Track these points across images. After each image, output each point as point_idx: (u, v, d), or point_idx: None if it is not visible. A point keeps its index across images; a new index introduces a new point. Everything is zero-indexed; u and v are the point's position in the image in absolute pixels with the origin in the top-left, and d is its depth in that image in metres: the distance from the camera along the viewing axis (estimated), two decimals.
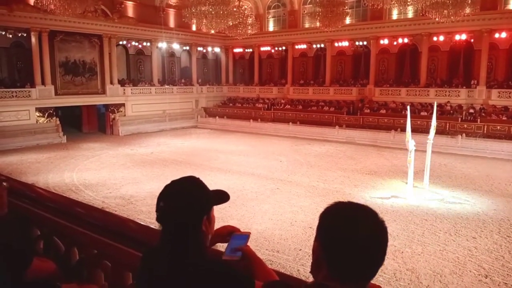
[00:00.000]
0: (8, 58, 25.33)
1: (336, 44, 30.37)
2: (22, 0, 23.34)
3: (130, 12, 29.74)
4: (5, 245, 1.87)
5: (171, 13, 32.67)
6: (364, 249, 1.15)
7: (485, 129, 21.56)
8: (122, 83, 29.29)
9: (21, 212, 2.66)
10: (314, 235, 1.26)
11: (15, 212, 2.54)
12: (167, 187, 1.55)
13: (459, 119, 22.91)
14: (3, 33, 23.61)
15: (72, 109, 27.47)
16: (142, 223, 2.48)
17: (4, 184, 1.98)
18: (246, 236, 1.63)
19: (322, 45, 31.17)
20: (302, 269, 7.68)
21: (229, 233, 1.70)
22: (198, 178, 1.59)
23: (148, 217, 10.49)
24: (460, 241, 9.16)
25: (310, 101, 30.57)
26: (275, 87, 33.72)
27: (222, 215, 10.05)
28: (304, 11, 32.40)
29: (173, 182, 1.57)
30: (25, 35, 24.16)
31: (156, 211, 1.52)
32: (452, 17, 18.55)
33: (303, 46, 32.54)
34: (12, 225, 2.38)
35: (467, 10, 18.83)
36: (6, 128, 22.31)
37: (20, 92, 23.65)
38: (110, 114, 28.11)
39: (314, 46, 32.05)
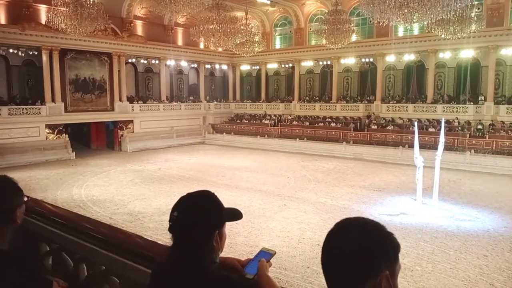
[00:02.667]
0: (20, 76, 25.80)
1: (342, 61, 30.59)
2: (33, 19, 23.93)
3: (139, 30, 30.29)
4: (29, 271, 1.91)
5: (179, 31, 33.20)
6: (342, 257, 1.16)
7: (494, 145, 21.39)
8: (130, 100, 29.62)
9: (30, 228, 2.68)
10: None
11: (25, 228, 2.55)
12: (182, 199, 1.57)
13: (468, 135, 22.75)
14: (15, 51, 24.13)
15: (80, 126, 27.76)
16: (149, 239, 2.48)
17: (25, 198, 2.05)
18: (270, 254, 1.62)
19: (329, 62, 31.38)
20: (310, 287, 7.58)
21: (233, 267, 1.68)
22: (213, 193, 1.62)
23: (155, 233, 10.47)
24: (471, 259, 9.01)
25: (317, 117, 30.62)
26: (282, 104, 33.87)
27: (229, 232, 9.92)
28: (310, 29, 32.77)
29: (188, 194, 1.59)
30: (36, 53, 24.66)
31: (169, 221, 1.53)
32: (458, 34, 18.63)
33: (310, 63, 32.79)
34: (22, 241, 2.40)
35: (473, 27, 18.88)
36: (16, 144, 22.57)
37: (31, 109, 24.00)
38: (119, 130, 28.36)
39: (321, 63, 32.26)
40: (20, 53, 24.43)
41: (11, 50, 24.03)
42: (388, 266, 1.16)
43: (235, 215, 1.61)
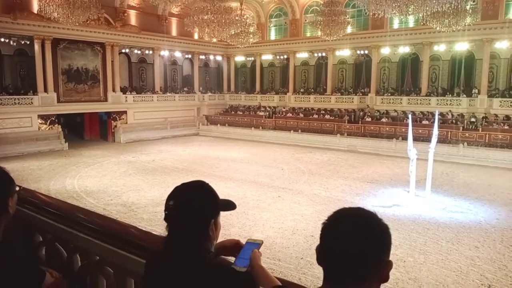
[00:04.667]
0: (12, 66, 25.47)
1: (337, 53, 30.53)
2: (25, 8, 23.57)
3: (133, 20, 29.96)
4: (21, 262, 1.89)
5: (174, 21, 32.89)
6: (341, 249, 1.14)
7: (487, 138, 21.54)
8: (124, 90, 29.41)
9: (23, 218, 2.66)
10: (315, 244, 1.25)
11: (18, 218, 2.53)
12: (177, 188, 1.57)
13: (461, 128, 22.89)
14: (7, 40, 23.85)
15: (74, 116, 27.55)
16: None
17: (17, 188, 2.03)
18: (258, 244, 1.63)
19: (324, 54, 31.31)
20: (304, 277, 7.63)
21: (235, 245, 1.70)
22: (207, 183, 1.62)
23: (149, 224, 10.47)
24: (463, 251, 9.11)
25: (311, 109, 30.61)
26: (276, 95, 33.81)
27: (223, 223, 9.92)
28: (305, 20, 32.61)
29: (183, 184, 1.60)
30: (28, 42, 24.34)
31: (165, 210, 1.54)
32: (453, 27, 18.64)
33: (305, 55, 32.68)
34: (16, 231, 2.38)
35: (468, 20, 18.88)
36: (8, 135, 22.37)
37: (23, 99, 23.75)
38: (112, 121, 28.18)
39: (316, 54, 32.18)
40: (12, 43, 24.14)
41: (2, 39, 23.73)
42: (388, 255, 1.16)
43: (229, 205, 1.63)
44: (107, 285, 2.30)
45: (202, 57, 35.44)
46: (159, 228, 9.63)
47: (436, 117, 15.02)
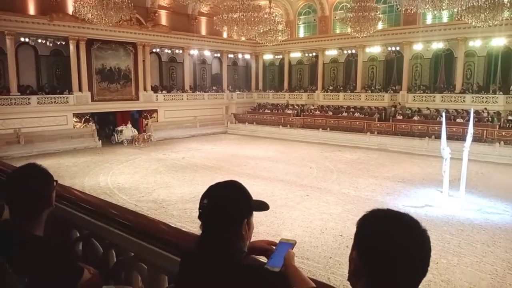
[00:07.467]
0: (48, 66, 26.45)
1: (367, 50, 30.01)
2: (61, 9, 24.39)
3: (163, 20, 30.48)
4: (60, 257, 1.96)
5: (203, 20, 33.24)
6: (403, 259, 1.12)
7: None
8: (155, 89, 29.98)
9: (60, 214, 2.75)
10: (344, 243, 1.24)
11: (55, 214, 2.62)
12: (211, 187, 1.59)
13: (497, 126, 22.06)
14: (44, 41, 24.74)
15: (107, 115, 28.30)
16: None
17: (55, 182, 2.13)
18: (291, 244, 1.63)
19: (353, 51, 30.84)
20: (333, 277, 7.57)
21: (267, 246, 1.70)
22: (241, 184, 1.63)
23: (179, 221, 10.64)
24: (499, 253, 8.80)
25: (340, 107, 30.25)
26: (304, 93, 33.61)
27: None
28: (335, 17, 32.22)
29: (217, 183, 1.62)
30: (63, 43, 25.20)
31: (199, 208, 1.56)
32: (489, 22, 17.94)
33: (334, 52, 32.32)
34: (53, 227, 2.47)
35: (506, 14, 18.13)
36: (45, 132, 23.25)
37: (59, 98, 24.63)
38: (144, 119, 28.82)
39: (345, 51, 31.74)
40: (48, 43, 25.05)
41: (39, 40, 24.69)
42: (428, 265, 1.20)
43: (262, 205, 1.63)
44: (142, 281, 2.35)
45: (231, 55, 35.65)
46: (188, 225, 9.78)
47: (471, 115, 14.52)
